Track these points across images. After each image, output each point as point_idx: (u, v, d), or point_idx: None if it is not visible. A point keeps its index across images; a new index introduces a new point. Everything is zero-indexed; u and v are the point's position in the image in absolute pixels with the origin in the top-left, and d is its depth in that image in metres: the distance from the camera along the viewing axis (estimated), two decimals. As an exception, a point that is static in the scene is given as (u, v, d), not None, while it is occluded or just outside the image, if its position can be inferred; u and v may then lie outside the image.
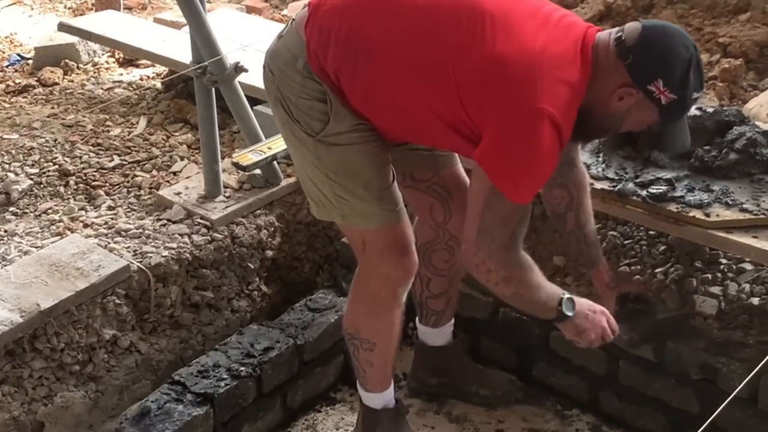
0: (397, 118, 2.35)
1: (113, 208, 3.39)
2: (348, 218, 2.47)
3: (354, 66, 2.27)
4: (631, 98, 2.18)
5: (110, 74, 4.73)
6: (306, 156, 2.42)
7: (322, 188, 2.45)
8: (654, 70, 2.15)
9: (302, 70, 2.32)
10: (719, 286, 2.96)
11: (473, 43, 2.17)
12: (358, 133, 2.36)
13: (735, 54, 4.39)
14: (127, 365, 2.99)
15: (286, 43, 2.39)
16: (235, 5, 5.73)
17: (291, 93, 2.35)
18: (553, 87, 2.13)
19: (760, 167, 2.83)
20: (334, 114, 2.32)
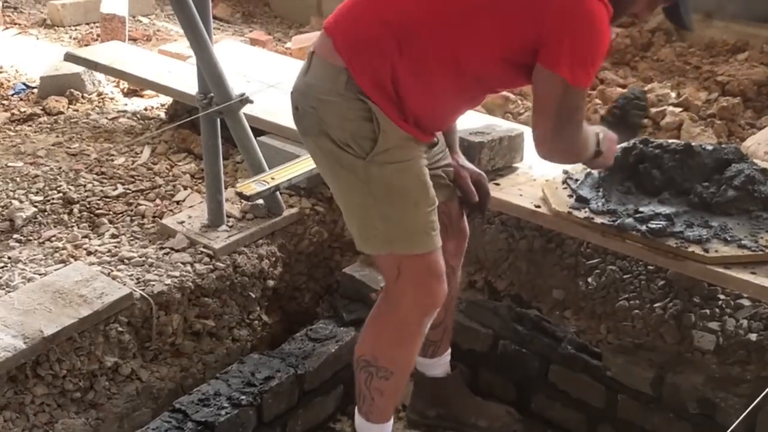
0: (461, 86, 2.41)
1: (116, 236, 3.41)
2: (395, 243, 2.46)
3: (403, 56, 2.31)
4: None
5: (115, 104, 4.78)
6: (354, 185, 2.43)
7: (370, 215, 2.45)
8: None
9: (344, 92, 2.34)
10: (717, 322, 2.98)
11: None
12: (405, 150, 2.39)
13: (733, 92, 4.44)
14: (127, 393, 2.99)
15: (317, 75, 2.41)
16: (239, 37, 5.80)
17: (336, 119, 2.37)
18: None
19: (758, 204, 2.86)
20: (382, 131, 2.34)
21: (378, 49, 2.32)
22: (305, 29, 6.25)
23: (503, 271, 3.42)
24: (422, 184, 2.45)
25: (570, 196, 3.00)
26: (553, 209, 2.97)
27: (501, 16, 2.30)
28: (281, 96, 3.93)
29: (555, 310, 3.28)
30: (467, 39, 2.32)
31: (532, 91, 2.41)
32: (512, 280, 3.40)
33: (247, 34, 6.04)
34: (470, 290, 3.38)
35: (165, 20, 6.25)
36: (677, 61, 4.86)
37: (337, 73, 2.35)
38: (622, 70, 4.87)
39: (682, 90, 4.53)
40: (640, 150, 3.03)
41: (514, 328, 3.14)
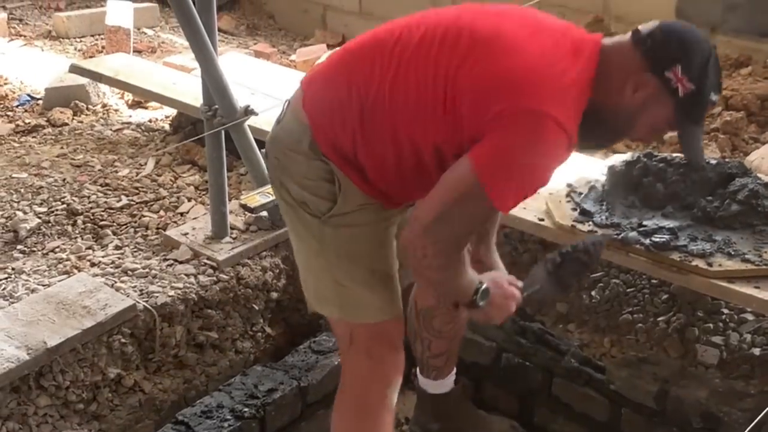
0: (411, 170, 2.21)
1: (120, 247, 3.42)
2: (345, 309, 2.35)
3: (364, 126, 2.18)
4: (647, 89, 2.07)
5: (119, 116, 4.79)
6: (310, 242, 2.33)
7: (322, 277, 2.35)
8: (673, 54, 2.05)
9: (308, 151, 2.24)
10: (721, 336, 2.98)
11: (468, 58, 2.07)
12: (365, 214, 2.27)
13: (737, 107, 4.44)
14: (130, 404, 2.99)
15: (286, 127, 2.31)
16: (244, 50, 5.81)
17: (296, 175, 2.27)
18: (555, 89, 2.04)
19: (762, 218, 2.86)
20: (343, 193, 2.23)
21: (341, 115, 2.20)
22: (310, 42, 6.27)
23: (507, 284, 3.41)
24: (381, 250, 2.32)
25: (574, 210, 3.00)
26: (556, 222, 2.98)
27: (457, 109, 2.08)
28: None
29: (558, 324, 3.28)
30: (421, 123, 2.13)
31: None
32: (516, 293, 3.39)
33: (252, 46, 6.05)
34: (474, 303, 3.37)
35: (170, 32, 6.27)
36: (681, 76, 4.86)
37: (302, 131, 2.24)
38: (626, 84, 4.88)
39: (686, 104, 4.53)
40: (644, 164, 3.03)
41: (518, 341, 3.14)
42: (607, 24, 5.29)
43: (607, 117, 2.12)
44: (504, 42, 2.09)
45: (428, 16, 2.26)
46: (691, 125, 2.13)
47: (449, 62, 2.09)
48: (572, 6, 5.39)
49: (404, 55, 2.15)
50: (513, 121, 2.02)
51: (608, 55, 2.11)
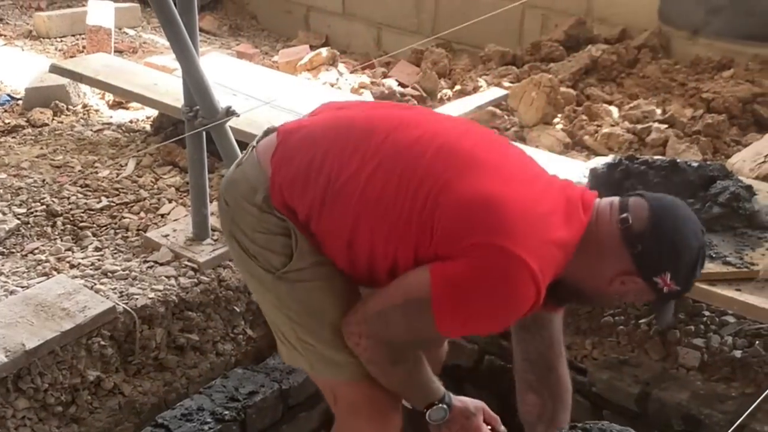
0: (361, 262, 2.11)
1: (100, 249, 3.39)
2: (315, 367, 2.24)
3: (324, 205, 2.07)
4: (632, 285, 2.02)
5: (100, 116, 4.75)
6: (265, 296, 2.23)
7: (286, 332, 2.23)
8: (663, 263, 1.99)
9: (261, 204, 2.12)
10: (702, 338, 2.98)
11: (460, 181, 1.99)
12: (323, 268, 2.14)
13: (718, 109, 4.46)
14: (110, 407, 2.97)
15: (245, 172, 2.18)
16: (226, 50, 5.79)
17: (247, 227, 2.15)
18: (540, 243, 1.95)
19: (743, 221, 2.86)
20: (299, 249, 2.11)
21: (305, 184, 2.09)
22: (293, 43, 6.26)
23: (489, 286, 3.40)
24: (343, 305, 2.15)
25: (556, 212, 3.00)
26: (538, 225, 2.97)
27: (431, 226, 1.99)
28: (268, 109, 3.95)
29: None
30: (388, 225, 2.03)
31: None
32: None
33: (234, 47, 6.04)
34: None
35: (151, 32, 6.24)
36: (663, 78, 4.88)
37: (261, 181, 2.12)
38: (608, 87, 4.89)
39: (668, 107, 4.55)
40: (625, 166, 3.03)
41: (499, 343, 3.13)
42: (589, 26, 5.30)
43: (582, 290, 2.08)
44: (501, 177, 2.02)
45: (429, 120, 2.19)
46: (668, 304, 2.14)
47: (438, 178, 2.00)
48: (556, 8, 5.41)
49: (391, 154, 2.05)
50: (488, 255, 1.93)
51: (596, 234, 2.02)
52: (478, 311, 1.97)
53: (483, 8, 4.62)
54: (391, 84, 5.00)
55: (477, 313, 1.98)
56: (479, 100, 4.49)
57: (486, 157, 2.06)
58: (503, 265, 1.92)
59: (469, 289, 1.94)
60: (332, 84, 5.00)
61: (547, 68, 4.99)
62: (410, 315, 2.01)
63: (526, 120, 4.50)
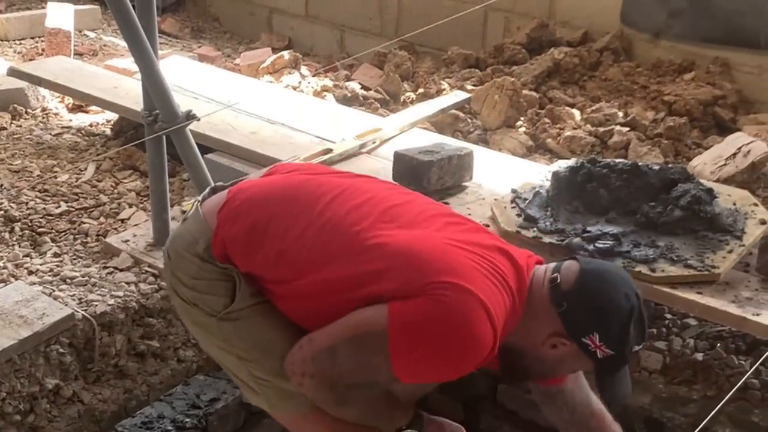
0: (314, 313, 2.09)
1: (59, 255, 3.35)
2: (273, 403, 2.21)
3: (278, 265, 2.10)
4: (565, 348, 2.02)
5: (59, 120, 4.71)
6: (212, 341, 2.22)
7: (240, 374, 2.23)
8: (589, 323, 1.98)
9: (202, 253, 2.15)
10: (664, 341, 3.00)
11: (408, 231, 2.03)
12: (264, 305, 2.16)
13: (680, 112, 4.48)
14: (69, 415, 2.93)
15: (188, 227, 2.23)
16: (188, 53, 5.75)
17: (187, 275, 2.17)
18: (494, 291, 1.96)
19: (704, 224, 2.88)
20: (242, 291, 2.13)
21: (255, 243, 2.11)
22: (255, 45, 6.23)
23: (452, 290, 3.40)
24: (288, 336, 2.12)
25: (518, 215, 3.00)
26: (501, 228, 2.97)
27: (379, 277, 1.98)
28: (229, 113, 3.93)
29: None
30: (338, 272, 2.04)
31: None
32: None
33: (196, 49, 5.99)
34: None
35: (112, 35, 6.18)
36: (625, 81, 4.90)
37: (202, 232, 2.17)
38: (570, 89, 4.91)
39: (630, 109, 4.58)
40: (588, 169, 3.04)
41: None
42: (552, 29, 5.32)
43: (527, 360, 2.07)
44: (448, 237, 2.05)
45: (377, 189, 2.21)
46: (610, 377, 2.08)
47: (383, 233, 2.03)
48: (519, 11, 5.42)
49: (335, 217, 2.08)
50: (447, 292, 1.91)
51: (532, 296, 2.04)
52: (436, 351, 1.93)
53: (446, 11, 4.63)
54: (354, 87, 4.99)
55: (434, 352, 1.94)
56: (442, 103, 4.48)
57: (433, 221, 2.10)
58: (462, 303, 1.91)
59: (427, 326, 1.91)
60: (294, 87, 4.98)
61: (509, 71, 5.00)
62: (362, 351, 1.97)
63: (489, 123, 4.50)
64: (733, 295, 2.68)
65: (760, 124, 4.45)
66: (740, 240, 2.84)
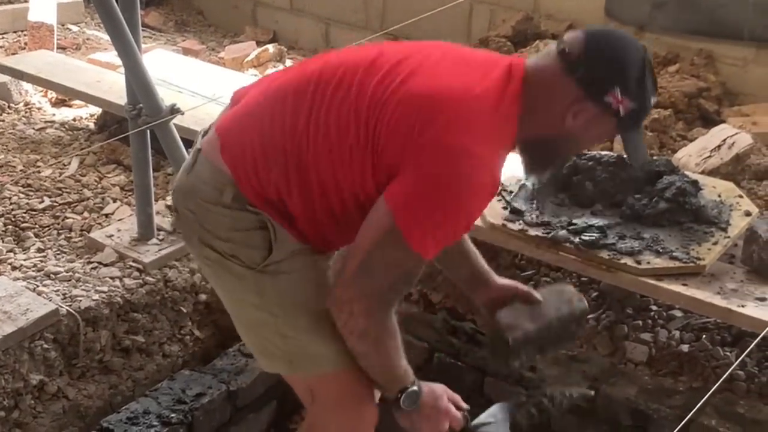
0: (340, 218, 2.11)
1: (43, 250, 3.33)
2: (296, 363, 2.19)
3: (288, 174, 2.07)
4: (587, 113, 1.99)
5: (42, 114, 4.67)
6: (245, 297, 2.17)
7: (265, 333, 2.19)
8: (608, 79, 1.97)
9: (231, 203, 2.09)
10: (650, 333, 3.00)
11: (392, 93, 2.00)
12: (301, 258, 2.13)
13: (664, 104, 4.48)
14: (54, 411, 2.92)
15: (201, 177, 2.15)
16: (172, 47, 5.72)
17: (221, 229, 2.11)
18: (481, 124, 1.95)
19: (689, 216, 2.88)
20: (278, 240, 2.09)
21: (264, 164, 2.08)
22: (240, 39, 6.20)
23: (438, 284, 3.40)
24: (321, 293, 2.12)
25: (504, 208, 3.00)
26: (487, 221, 2.97)
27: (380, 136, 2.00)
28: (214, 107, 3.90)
29: (490, 323, 3.27)
30: (342, 163, 2.04)
31: None
32: (447, 292, 3.38)
33: (180, 43, 5.95)
34: (406, 303, 3.35)
35: (95, 28, 6.13)
36: (610, 73, 4.90)
37: (223, 183, 2.10)
38: (556, 82, 4.90)
39: (615, 101, 4.57)
40: (573, 162, 3.04)
41: (449, 340, 3.13)
42: (537, 22, 5.31)
43: (550, 143, 2.07)
44: (425, 73, 2.02)
45: (346, 56, 2.18)
46: (633, 133, 2.09)
47: (371, 98, 2.01)
48: (504, 4, 5.41)
49: (324, 96, 2.05)
50: (431, 154, 1.94)
51: (537, 81, 2.02)
52: (444, 214, 1.96)
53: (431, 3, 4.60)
54: (339, 80, 4.96)
55: (444, 216, 1.96)
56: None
57: (407, 61, 2.06)
58: (450, 159, 1.93)
59: (425, 195, 1.94)
60: (280, 80, 4.95)
61: (495, 64, 4.99)
62: (387, 253, 1.98)
63: (475, 116, 4.48)
64: (719, 286, 2.69)
65: (745, 115, 4.46)
66: (725, 232, 2.85)
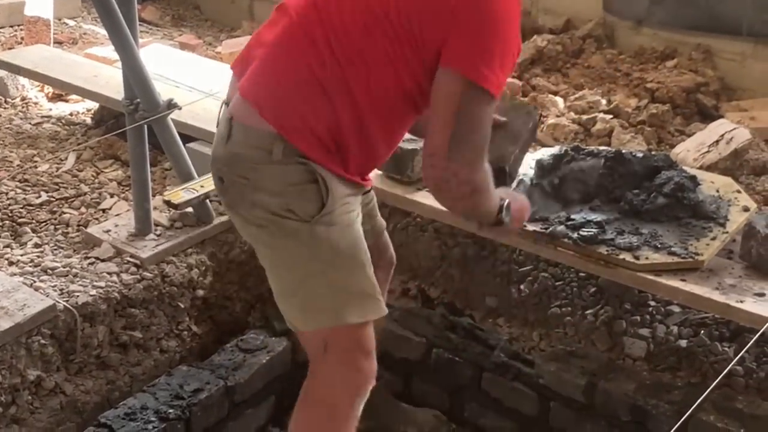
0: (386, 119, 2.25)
1: (40, 245, 3.32)
2: (344, 311, 2.25)
3: (335, 105, 2.17)
4: None
5: (39, 109, 4.66)
6: (298, 252, 2.23)
7: (316, 285, 2.24)
8: None
9: (282, 158, 2.17)
10: (648, 328, 3.00)
11: None
12: (349, 208, 2.26)
13: (662, 99, 4.48)
14: (51, 407, 2.91)
15: (244, 143, 2.22)
16: (169, 41, 5.70)
17: (277, 185, 2.19)
18: None
19: (687, 211, 2.88)
20: (330, 190, 2.19)
21: (311, 106, 2.17)
22: (237, 33, 6.18)
23: (436, 279, 3.40)
24: (365, 245, 2.30)
25: (502, 204, 2.99)
26: (485, 217, 2.96)
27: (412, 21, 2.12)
28: (211, 102, 3.90)
29: (488, 318, 3.28)
30: (379, 64, 2.16)
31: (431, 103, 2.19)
32: (445, 288, 3.38)
33: (177, 37, 5.94)
34: (404, 298, 3.36)
35: (92, 23, 6.13)
36: (608, 68, 4.90)
37: (270, 141, 2.17)
38: (553, 77, 4.90)
39: (613, 97, 4.57)
40: (571, 157, 3.03)
41: (447, 336, 3.13)
42: (535, 16, 5.31)
43: None
44: None
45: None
46: None
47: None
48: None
49: (331, 14, 2.16)
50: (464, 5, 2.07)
51: None
52: (502, 42, 2.12)
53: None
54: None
55: (502, 44, 2.12)
56: (425, 91, 4.46)
57: None
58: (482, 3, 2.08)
59: (480, 39, 2.09)
60: (277, 75, 4.95)
61: (492, 59, 4.98)
62: (469, 110, 2.11)
63: (473, 111, 4.48)
64: (717, 282, 2.69)
65: (743, 110, 4.45)
66: (723, 227, 2.84)
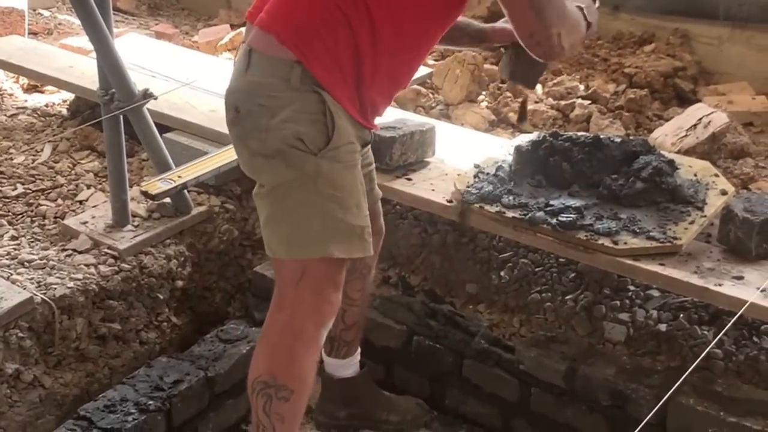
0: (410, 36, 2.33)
1: (16, 238, 3.29)
2: (332, 244, 2.32)
3: (351, 27, 2.23)
4: None
5: (14, 100, 4.62)
6: (300, 182, 2.30)
7: (310, 215, 2.32)
8: None
9: (300, 86, 2.24)
10: (627, 313, 3.01)
11: None
12: (351, 148, 2.33)
13: (640, 84, 4.49)
14: (30, 400, 2.89)
15: (263, 72, 2.28)
16: (145, 31, 5.67)
17: (293, 112, 2.25)
18: None
19: (665, 195, 2.88)
20: (337, 126, 2.26)
21: (333, 35, 2.23)
22: (213, 22, 6.14)
23: (417, 266, 3.40)
24: (362, 187, 2.40)
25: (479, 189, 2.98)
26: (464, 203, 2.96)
27: None
28: (188, 92, 3.88)
29: (468, 305, 3.27)
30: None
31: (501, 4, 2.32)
32: (426, 275, 3.38)
33: (153, 27, 5.90)
34: (384, 286, 3.35)
35: (67, 13, 6.07)
36: (586, 54, 4.90)
37: (288, 68, 2.24)
38: (531, 63, 4.89)
39: (591, 82, 4.58)
40: (549, 143, 3.03)
41: (428, 323, 3.12)
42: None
43: None
44: None
45: None
46: None
47: None
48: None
49: None
50: None
51: None
52: None
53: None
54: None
55: None
56: (403, 79, 4.45)
57: None
58: None
59: None
60: (254, 64, 4.92)
61: (471, 45, 4.97)
62: None
63: (451, 98, 4.48)
64: (696, 266, 2.69)
65: (720, 95, 4.47)
66: (702, 211, 2.85)
